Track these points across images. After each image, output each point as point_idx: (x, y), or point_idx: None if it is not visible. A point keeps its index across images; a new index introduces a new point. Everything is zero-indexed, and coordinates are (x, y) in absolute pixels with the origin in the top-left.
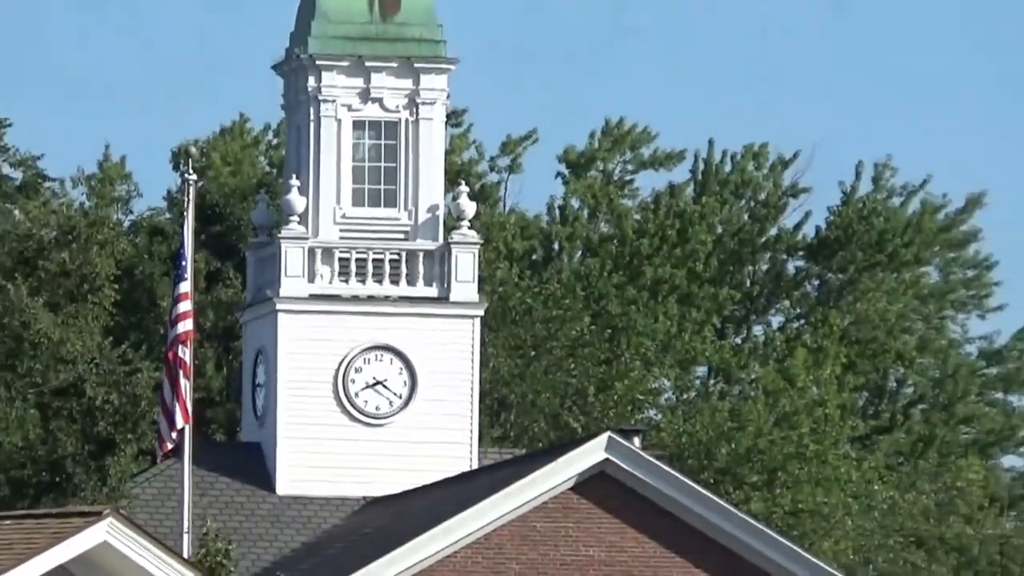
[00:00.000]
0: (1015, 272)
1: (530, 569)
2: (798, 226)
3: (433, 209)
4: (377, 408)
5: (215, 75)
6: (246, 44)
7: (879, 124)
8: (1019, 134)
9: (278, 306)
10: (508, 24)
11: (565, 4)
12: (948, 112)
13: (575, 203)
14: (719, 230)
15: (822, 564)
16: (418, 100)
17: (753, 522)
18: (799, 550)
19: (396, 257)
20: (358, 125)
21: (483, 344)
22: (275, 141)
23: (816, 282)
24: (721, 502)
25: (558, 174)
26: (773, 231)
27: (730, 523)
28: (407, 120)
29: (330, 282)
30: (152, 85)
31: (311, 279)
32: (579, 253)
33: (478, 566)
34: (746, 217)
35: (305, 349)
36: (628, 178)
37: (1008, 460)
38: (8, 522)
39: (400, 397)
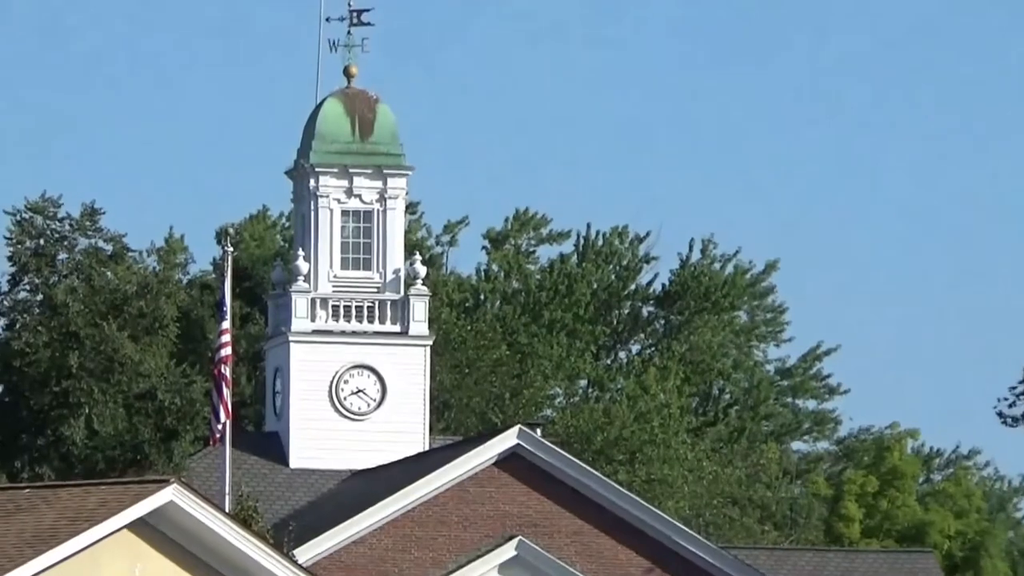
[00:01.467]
0: (799, 315)
1: (465, 520)
2: (649, 283)
3: (396, 272)
4: (359, 408)
5: (245, 178)
6: (267, 157)
7: (706, 211)
8: (801, 221)
9: (290, 338)
10: (447, 140)
11: (490, 125)
12: (752, 204)
13: (495, 267)
14: (594, 286)
15: (667, 517)
16: (386, 196)
17: (619, 488)
18: (651, 507)
19: (371, 304)
20: (344, 213)
21: (432, 364)
22: (287, 224)
23: (662, 321)
24: (597, 473)
25: (483, 247)
26: (632, 287)
27: (603, 488)
28: (378, 210)
29: (326, 321)
30: (202, 185)
31: (312, 319)
32: (498, 302)
33: (429, 518)
34: (613, 277)
35: (309, 367)
36: (531, 250)
37: (795, 445)
38: (103, 486)
39: (375, 400)
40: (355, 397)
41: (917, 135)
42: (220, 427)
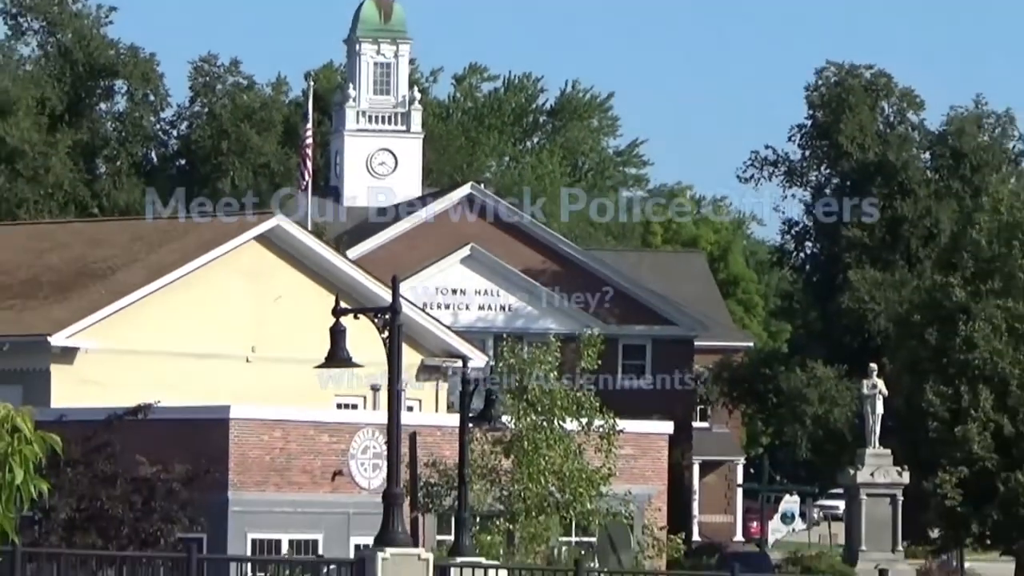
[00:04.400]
0: (627, 121)
1: (441, 235)
2: (544, 103)
3: (404, 96)
4: (382, 172)
5: (322, 43)
6: (333, 32)
7: (577, 62)
8: (629, 66)
9: (345, 134)
10: (433, 23)
11: (457, 15)
12: (599, 58)
13: (459, 95)
14: (513, 105)
15: (553, 232)
16: (398, 55)
17: (526, 215)
18: (545, 226)
19: (390, 114)
20: (376, 64)
21: (424, 148)
22: (343, 69)
23: (550, 125)
24: (514, 208)
25: (452, 83)
26: (534, 105)
27: (518, 216)
28: (394, 62)
29: (364, 124)
30: (297, 47)
31: (357, 122)
32: (460, 114)
33: (421, 234)
34: (523, 99)
35: (355, 151)
36: (479, 85)
37: (624, 193)
38: (239, 216)
39: (391, 168)
40: (380, 166)
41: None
42: (304, 183)
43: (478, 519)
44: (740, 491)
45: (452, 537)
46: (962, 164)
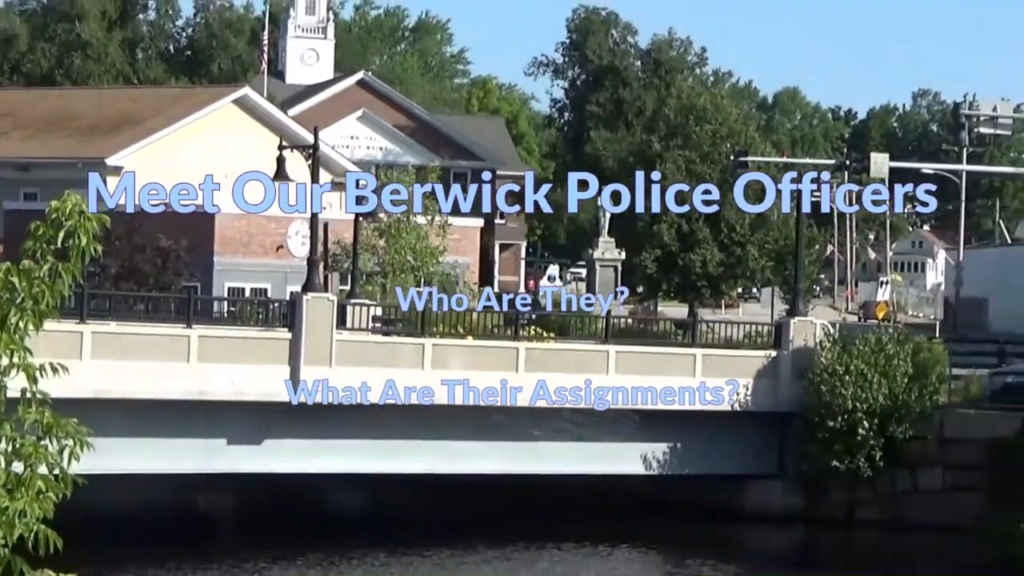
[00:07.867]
0: (459, 32)
1: (346, 101)
2: (408, 24)
3: (323, 15)
4: (310, 63)
5: None
6: None
7: None
8: None
9: (288, 38)
10: None
11: None
12: None
13: (356, 17)
14: (391, 24)
15: (414, 104)
16: None
17: (397, 91)
18: (408, 98)
19: (316, 27)
20: None
21: (335, 49)
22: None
23: (412, 38)
24: (389, 87)
25: (353, 8)
26: (402, 25)
27: (391, 92)
28: None
29: (300, 33)
30: None
31: (295, 31)
32: (358, 28)
33: (332, 100)
34: (396, 21)
35: (294, 49)
36: (369, 11)
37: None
38: (220, 87)
39: (316, 59)
40: (309, 58)
41: None
42: (262, 68)
43: (364, 276)
44: (523, 262)
45: (348, 287)
46: (660, 69)
